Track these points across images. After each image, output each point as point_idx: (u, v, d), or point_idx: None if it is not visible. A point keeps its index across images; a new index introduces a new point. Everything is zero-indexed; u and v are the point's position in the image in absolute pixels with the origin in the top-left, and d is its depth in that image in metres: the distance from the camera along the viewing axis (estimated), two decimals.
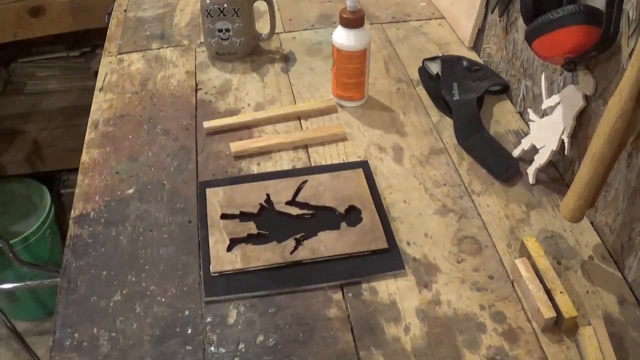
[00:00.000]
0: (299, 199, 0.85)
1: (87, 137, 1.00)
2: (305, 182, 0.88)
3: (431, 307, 0.74)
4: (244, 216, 0.83)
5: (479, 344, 0.70)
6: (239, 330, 0.71)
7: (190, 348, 0.69)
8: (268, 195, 0.86)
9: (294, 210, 0.84)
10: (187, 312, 0.73)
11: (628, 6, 0.70)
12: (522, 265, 0.75)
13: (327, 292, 0.75)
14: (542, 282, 0.73)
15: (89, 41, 2.04)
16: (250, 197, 0.86)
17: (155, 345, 0.70)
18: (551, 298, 0.71)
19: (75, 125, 1.23)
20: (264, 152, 0.96)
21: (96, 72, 1.16)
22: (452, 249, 0.80)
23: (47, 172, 1.90)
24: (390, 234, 0.81)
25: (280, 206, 0.84)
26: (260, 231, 0.81)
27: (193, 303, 0.74)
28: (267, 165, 0.94)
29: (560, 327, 0.70)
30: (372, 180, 0.89)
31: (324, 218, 0.83)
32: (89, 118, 1.04)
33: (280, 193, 0.86)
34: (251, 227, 0.81)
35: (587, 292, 0.75)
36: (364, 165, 0.91)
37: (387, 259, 0.78)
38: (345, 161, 0.94)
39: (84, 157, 0.96)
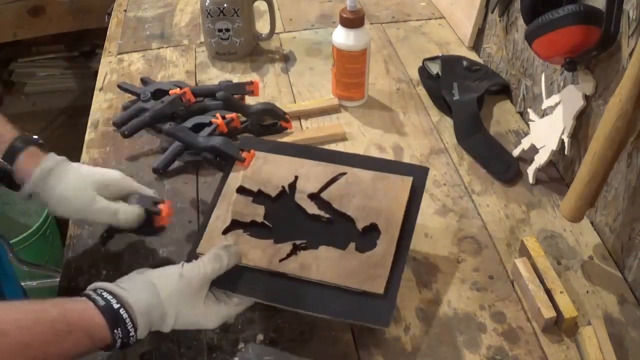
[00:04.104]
0: (325, 194, 0.75)
1: (87, 137, 1.00)
2: (342, 174, 0.77)
3: (431, 307, 0.74)
4: (259, 196, 0.76)
5: (479, 344, 0.70)
6: (239, 330, 0.71)
7: (190, 348, 0.69)
8: (296, 178, 0.77)
9: (312, 208, 0.74)
10: None
11: (628, 6, 0.70)
12: (522, 265, 0.75)
13: None
14: (542, 282, 0.73)
15: (89, 41, 2.04)
16: (278, 173, 0.77)
17: (155, 345, 0.70)
18: (551, 298, 0.71)
19: (75, 125, 1.23)
20: None
21: (96, 72, 1.16)
22: (452, 249, 0.80)
23: None
24: (397, 275, 0.68)
25: (302, 197, 0.75)
26: (265, 222, 0.74)
27: None
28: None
29: (560, 327, 0.70)
30: (419, 195, 0.74)
31: (336, 229, 0.73)
32: (89, 118, 1.04)
33: (310, 179, 0.76)
34: (259, 213, 0.74)
35: (587, 292, 0.75)
36: (419, 173, 0.76)
37: (376, 306, 0.66)
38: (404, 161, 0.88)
39: (84, 157, 0.96)
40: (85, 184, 0.72)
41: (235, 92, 0.99)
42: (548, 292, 0.71)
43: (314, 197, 0.75)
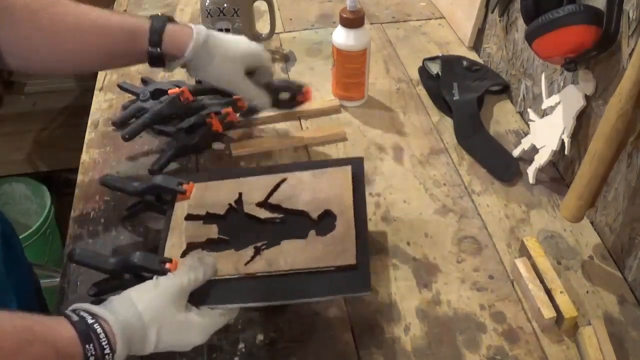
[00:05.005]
0: (273, 200, 0.76)
1: (87, 137, 1.00)
2: (283, 180, 0.78)
3: (431, 307, 0.74)
4: (209, 218, 0.75)
5: (479, 344, 0.70)
6: (239, 330, 0.71)
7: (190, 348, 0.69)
8: (240, 195, 0.77)
9: (263, 214, 0.75)
10: None
11: (628, 6, 0.70)
12: (522, 265, 0.75)
13: None
14: (542, 282, 0.73)
15: None
16: (221, 195, 0.77)
17: None
18: (551, 298, 0.71)
19: (75, 125, 1.23)
20: (265, 153, 0.96)
21: (96, 72, 1.16)
22: (452, 249, 0.80)
23: (47, 172, 1.90)
24: (364, 247, 0.69)
25: (251, 207, 0.76)
26: (221, 236, 0.73)
27: None
28: None
29: (560, 327, 0.70)
30: (361, 181, 0.77)
31: (293, 224, 0.73)
32: (89, 118, 1.04)
33: (255, 192, 0.77)
34: (213, 231, 0.73)
35: (587, 292, 0.75)
36: (355, 163, 0.80)
37: (352, 277, 0.66)
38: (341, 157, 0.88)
39: (84, 157, 0.96)
40: (235, 61, 0.83)
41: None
42: (548, 292, 0.72)
43: (263, 204, 0.76)
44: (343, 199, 0.74)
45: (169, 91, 0.97)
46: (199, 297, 0.65)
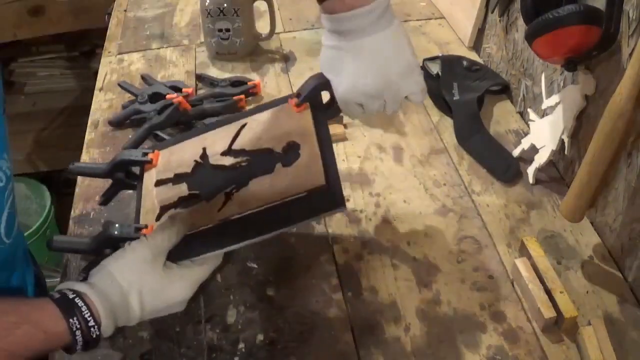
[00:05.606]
0: (236, 146, 0.75)
1: (87, 137, 1.00)
2: (244, 126, 0.77)
3: (431, 307, 0.74)
4: (177, 178, 0.74)
5: (479, 344, 0.70)
6: (239, 330, 0.71)
7: (190, 348, 0.69)
8: (204, 149, 0.76)
9: (229, 161, 0.73)
10: (187, 311, 0.73)
11: (628, 6, 0.70)
12: (522, 265, 0.75)
13: (327, 292, 0.75)
14: (542, 282, 0.73)
15: (89, 41, 2.04)
16: (186, 155, 0.76)
17: (155, 345, 0.70)
18: (551, 298, 0.71)
19: (75, 125, 1.23)
20: None
21: (96, 72, 1.16)
22: (452, 249, 0.80)
23: (47, 172, 1.90)
24: (332, 167, 0.68)
25: (216, 158, 0.75)
26: (192, 191, 0.72)
27: (193, 302, 0.74)
28: None
29: (560, 327, 0.70)
30: (320, 106, 0.76)
31: (259, 163, 0.72)
32: (89, 118, 1.04)
33: (218, 143, 0.76)
34: (182, 189, 0.72)
35: (587, 292, 0.75)
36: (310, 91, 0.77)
37: (325, 197, 0.66)
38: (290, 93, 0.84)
39: (84, 157, 0.96)
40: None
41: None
42: (548, 292, 0.71)
43: (227, 152, 0.75)
44: (304, 126, 0.73)
45: (167, 96, 0.98)
46: (177, 253, 0.64)
